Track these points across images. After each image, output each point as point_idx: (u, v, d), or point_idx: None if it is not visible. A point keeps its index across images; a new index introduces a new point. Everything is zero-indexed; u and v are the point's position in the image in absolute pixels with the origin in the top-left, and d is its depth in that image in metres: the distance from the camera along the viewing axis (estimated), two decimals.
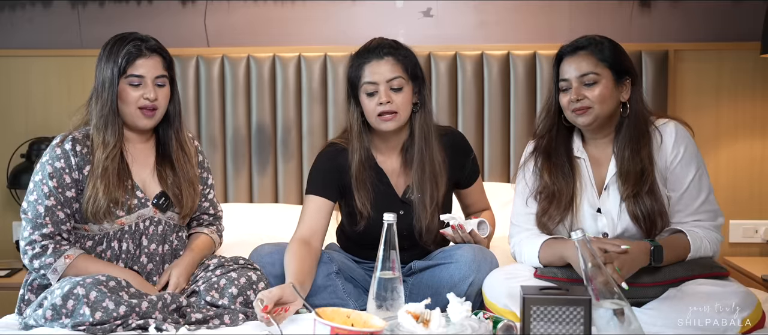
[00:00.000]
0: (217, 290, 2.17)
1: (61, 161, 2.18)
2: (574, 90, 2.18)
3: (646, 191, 2.16)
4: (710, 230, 2.18)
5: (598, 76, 2.16)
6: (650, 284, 2.10)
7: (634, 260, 2.05)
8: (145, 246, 2.24)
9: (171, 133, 2.32)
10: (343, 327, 1.76)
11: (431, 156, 2.37)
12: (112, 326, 1.99)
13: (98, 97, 2.22)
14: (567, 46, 2.23)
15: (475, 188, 2.53)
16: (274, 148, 3.39)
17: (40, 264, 2.15)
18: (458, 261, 2.27)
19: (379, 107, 2.30)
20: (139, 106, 2.21)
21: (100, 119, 2.20)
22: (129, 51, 2.20)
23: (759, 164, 3.35)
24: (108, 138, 2.19)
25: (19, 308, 2.19)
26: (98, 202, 2.16)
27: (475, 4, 3.43)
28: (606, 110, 2.18)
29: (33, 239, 2.15)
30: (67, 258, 2.14)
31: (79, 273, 2.13)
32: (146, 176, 2.28)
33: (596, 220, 2.22)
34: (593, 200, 2.24)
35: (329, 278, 2.33)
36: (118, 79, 2.19)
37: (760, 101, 3.33)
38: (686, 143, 2.21)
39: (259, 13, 3.46)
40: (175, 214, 2.30)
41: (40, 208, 2.16)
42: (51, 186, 2.16)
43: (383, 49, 2.34)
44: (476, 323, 1.85)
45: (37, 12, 3.47)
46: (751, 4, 3.33)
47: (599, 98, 2.16)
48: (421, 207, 2.37)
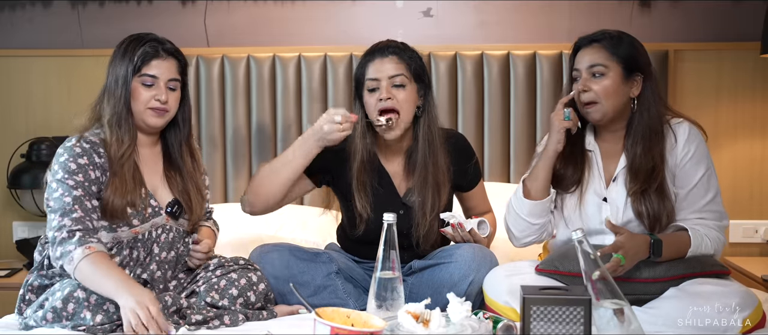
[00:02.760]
0: (218, 291, 2.17)
1: (84, 157, 2.12)
2: (582, 80, 2.20)
3: (655, 190, 2.18)
4: (713, 229, 2.19)
5: (607, 68, 2.18)
6: (651, 280, 2.11)
7: (636, 251, 2.06)
8: (157, 254, 2.21)
9: (179, 138, 2.29)
10: (343, 327, 1.76)
11: (436, 163, 2.37)
12: (113, 326, 1.99)
13: (110, 95, 2.18)
14: (584, 38, 2.25)
15: (476, 192, 2.54)
16: (274, 148, 3.38)
17: (62, 252, 2.02)
18: (458, 260, 2.28)
19: (379, 103, 2.31)
20: (149, 106, 2.18)
21: (113, 116, 2.16)
22: (145, 51, 2.17)
23: (759, 164, 3.35)
24: (122, 136, 2.15)
25: (19, 308, 2.16)
26: (115, 202, 2.11)
27: (475, 4, 3.43)
28: (613, 105, 2.19)
29: (63, 225, 2.04)
30: (88, 248, 2.01)
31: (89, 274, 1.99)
32: (157, 183, 2.25)
33: (600, 209, 2.24)
34: (600, 190, 2.25)
35: (329, 278, 2.33)
36: (131, 77, 2.16)
37: (760, 101, 3.33)
38: (697, 143, 2.22)
39: (259, 13, 3.46)
40: (185, 221, 2.29)
41: (67, 198, 2.06)
42: (77, 180, 2.09)
43: (389, 48, 2.36)
44: (476, 323, 1.85)
45: (37, 12, 3.47)
46: (751, 4, 3.33)
47: (603, 91, 2.18)
48: (420, 214, 2.37)
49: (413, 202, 2.38)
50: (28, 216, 3.39)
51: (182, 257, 2.29)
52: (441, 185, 2.38)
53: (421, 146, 2.37)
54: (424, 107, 2.38)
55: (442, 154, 2.39)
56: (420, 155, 2.36)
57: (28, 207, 3.31)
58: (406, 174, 2.42)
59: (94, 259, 2.01)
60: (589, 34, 2.25)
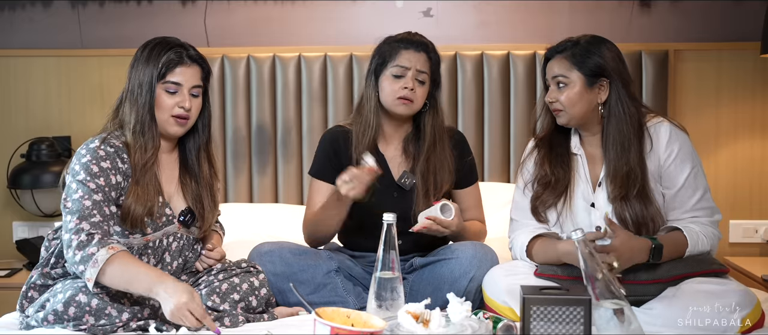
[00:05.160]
0: (219, 295, 2.17)
1: (107, 161, 2.08)
2: (549, 92, 2.27)
3: (635, 195, 2.17)
4: (707, 226, 2.20)
5: (567, 79, 2.23)
6: (650, 282, 2.11)
7: (632, 255, 2.06)
8: (169, 263, 2.20)
9: (198, 144, 2.26)
10: (343, 327, 1.76)
11: (441, 159, 2.44)
12: (113, 327, 1.99)
13: (133, 101, 2.14)
14: (551, 49, 2.30)
15: (470, 193, 2.54)
16: (274, 148, 3.39)
17: (83, 256, 1.96)
18: (459, 256, 2.29)
19: (402, 91, 2.39)
20: (173, 114, 2.15)
21: (136, 123, 2.13)
22: (170, 57, 2.14)
23: (759, 164, 3.35)
24: (146, 143, 2.12)
25: (21, 304, 2.12)
26: (136, 210, 2.08)
27: (475, 4, 3.43)
28: (578, 112, 2.23)
29: (80, 228, 1.99)
30: (111, 249, 1.97)
31: (118, 274, 1.97)
32: (172, 191, 2.23)
33: (589, 214, 2.24)
34: (588, 195, 2.26)
35: (329, 276, 2.34)
36: (156, 83, 2.13)
37: (760, 101, 3.33)
38: (680, 142, 2.22)
39: (259, 13, 3.46)
40: (196, 229, 2.27)
41: (87, 202, 2.02)
42: (99, 183, 2.05)
43: (422, 44, 2.45)
44: (476, 323, 1.85)
45: (37, 12, 3.47)
46: (751, 4, 3.33)
47: (567, 101, 2.23)
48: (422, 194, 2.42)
49: (406, 184, 2.44)
50: (28, 216, 3.39)
51: (190, 262, 2.28)
52: (444, 183, 2.44)
53: (428, 138, 2.44)
54: (430, 104, 2.47)
55: (449, 151, 2.47)
56: (427, 145, 2.44)
57: (28, 207, 3.31)
58: (402, 159, 2.48)
59: (120, 258, 1.98)
60: (555, 45, 2.28)
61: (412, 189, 2.44)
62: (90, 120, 3.35)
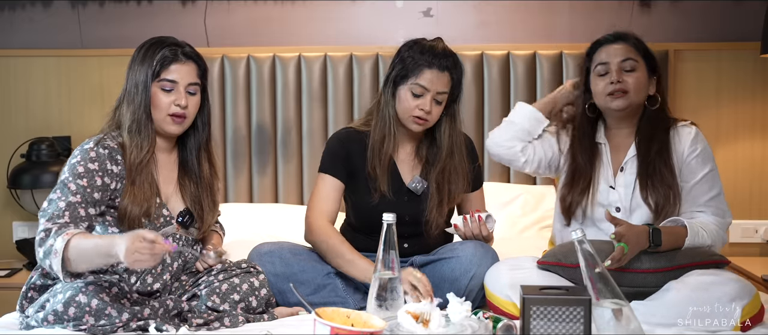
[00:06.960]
0: (219, 295, 2.17)
1: (95, 163, 2.07)
2: (615, 73, 2.27)
3: (659, 180, 2.25)
4: (712, 223, 2.23)
5: (637, 63, 2.29)
6: (651, 270, 2.13)
7: (638, 239, 2.10)
8: (169, 264, 2.19)
9: (198, 142, 2.25)
10: (343, 327, 1.76)
11: (458, 167, 2.42)
12: (113, 327, 1.99)
13: (130, 100, 2.14)
14: (607, 36, 2.35)
15: (476, 196, 2.55)
16: (274, 148, 3.39)
17: (45, 251, 1.96)
18: (459, 255, 2.30)
19: (418, 111, 2.34)
20: (170, 113, 2.15)
21: (133, 122, 2.13)
22: (164, 55, 2.14)
23: (759, 164, 3.36)
24: (141, 142, 2.12)
25: (21, 305, 2.13)
26: (132, 211, 2.08)
27: (475, 4, 3.43)
28: (639, 98, 2.29)
29: (46, 228, 1.99)
30: (66, 235, 1.94)
31: (76, 255, 1.94)
32: (170, 192, 2.23)
33: (608, 196, 2.31)
34: (609, 178, 2.33)
35: (329, 276, 2.34)
36: (151, 82, 2.13)
37: (760, 101, 3.33)
38: (704, 144, 2.33)
39: (259, 13, 3.46)
40: (195, 230, 2.27)
41: (61, 203, 2.02)
42: (80, 184, 2.05)
43: (447, 61, 2.35)
44: (476, 323, 1.85)
45: (37, 12, 3.48)
46: (751, 4, 3.33)
47: (635, 84, 2.27)
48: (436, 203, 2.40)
49: (417, 189, 2.42)
50: (28, 216, 3.39)
51: (189, 263, 2.28)
52: (455, 193, 2.43)
53: (445, 143, 2.41)
54: (448, 114, 2.42)
55: (464, 153, 2.45)
56: (444, 150, 2.41)
57: (28, 207, 3.31)
58: (413, 164, 2.46)
59: (74, 240, 1.94)
60: (613, 33, 2.34)
61: (424, 194, 2.43)
62: (90, 120, 3.35)
